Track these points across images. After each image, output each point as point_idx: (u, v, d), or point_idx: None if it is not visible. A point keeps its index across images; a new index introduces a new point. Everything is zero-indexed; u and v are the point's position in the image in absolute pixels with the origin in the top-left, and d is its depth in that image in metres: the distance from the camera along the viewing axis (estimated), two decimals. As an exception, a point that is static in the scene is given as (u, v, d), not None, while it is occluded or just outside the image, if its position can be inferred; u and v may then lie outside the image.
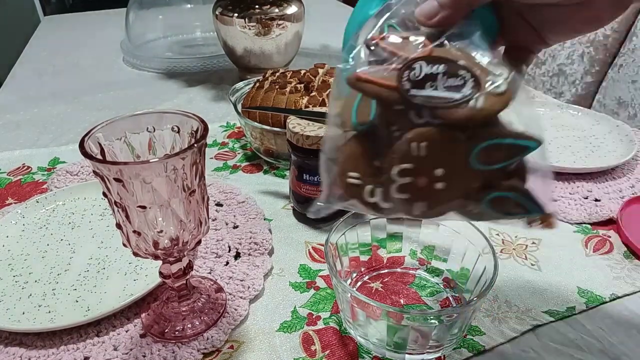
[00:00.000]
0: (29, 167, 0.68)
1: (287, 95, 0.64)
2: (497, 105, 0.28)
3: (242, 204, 0.57)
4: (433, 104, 0.28)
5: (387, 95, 0.29)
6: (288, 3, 0.88)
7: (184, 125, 0.36)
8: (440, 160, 0.29)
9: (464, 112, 0.28)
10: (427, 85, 0.28)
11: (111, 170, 0.32)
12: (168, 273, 0.39)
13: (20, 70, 1.07)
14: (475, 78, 0.28)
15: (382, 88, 0.29)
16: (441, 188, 0.30)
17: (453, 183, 0.30)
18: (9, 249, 0.51)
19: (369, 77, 0.29)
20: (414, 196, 0.30)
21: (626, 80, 1.08)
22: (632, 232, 0.51)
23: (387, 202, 0.32)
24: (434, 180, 0.30)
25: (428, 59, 0.29)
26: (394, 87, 0.28)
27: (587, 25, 0.31)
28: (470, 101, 0.28)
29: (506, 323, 0.42)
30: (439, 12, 0.30)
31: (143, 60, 1.06)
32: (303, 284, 0.47)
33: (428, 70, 0.28)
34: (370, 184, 0.31)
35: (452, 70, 0.28)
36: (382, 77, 0.29)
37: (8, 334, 0.42)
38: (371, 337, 0.38)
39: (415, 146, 0.29)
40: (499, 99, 0.28)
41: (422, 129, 0.29)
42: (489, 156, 0.29)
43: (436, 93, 0.28)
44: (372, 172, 0.31)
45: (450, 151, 0.29)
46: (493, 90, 0.28)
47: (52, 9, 2.59)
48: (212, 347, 0.40)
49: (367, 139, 0.31)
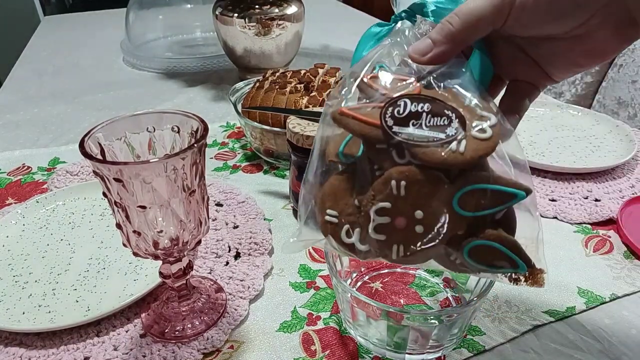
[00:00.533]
0: (29, 167, 0.68)
1: (287, 95, 0.64)
2: (480, 151, 0.27)
3: (242, 204, 0.57)
4: (415, 142, 0.27)
5: (369, 132, 0.28)
6: (288, 3, 0.88)
7: (184, 125, 0.36)
8: (421, 201, 0.28)
9: (445, 155, 0.26)
10: (411, 124, 0.27)
11: (111, 170, 0.32)
12: (168, 273, 0.39)
13: (20, 70, 1.07)
14: (461, 119, 0.27)
15: (364, 125, 0.28)
16: (420, 232, 0.28)
17: (433, 227, 0.28)
18: (9, 249, 0.51)
19: (352, 113, 0.28)
20: (392, 238, 0.29)
21: (626, 80, 1.08)
22: (632, 232, 0.51)
23: (364, 244, 0.30)
24: (414, 223, 0.28)
25: (412, 96, 0.28)
26: (377, 124, 0.28)
27: (589, 59, 0.30)
28: (453, 142, 0.27)
29: (506, 323, 0.42)
30: (432, 49, 0.29)
31: (143, 60, 1.06)
32: (303, 284, 0.47)
33: (412, 108, 0.28)
34: (348, 223, 0.30)
35: (437, 109, 0.27)
36: (366, 113, 0.28)
37: (8, 334, 0.42)
38: (371, 337, 0.38)
39: (394, 184, 0.28)
40: (483, 144, 0.27)
41: (403, 167, 0.28)
42: (473, 202, 0.27)
43: (419, 132, 0.27)
44: (351, 211, 0.30)
45: (431, 193, 0.28)
46: (478, 134, 0.27)
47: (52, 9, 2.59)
48: (212, 347, 0.40)
49: (348, 177, 0.30)
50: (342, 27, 1.33)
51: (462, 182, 0.27)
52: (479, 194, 0.27)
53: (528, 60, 0.32)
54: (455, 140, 0.27)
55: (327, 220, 0.30)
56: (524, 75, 0.32)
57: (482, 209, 0.27)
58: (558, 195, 0.58)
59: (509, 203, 0.28)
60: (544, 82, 0.33)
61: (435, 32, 0.30)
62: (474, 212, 0.28)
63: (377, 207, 0.28)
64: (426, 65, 0.30)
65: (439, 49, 0.29)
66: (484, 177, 0.27)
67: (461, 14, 0.29)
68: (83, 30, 1.37)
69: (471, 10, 0.28)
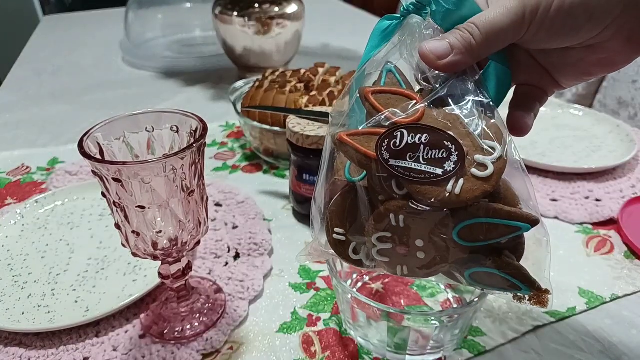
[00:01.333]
0: (28, 167, 0.68)
1: (287, 94, 0.64)
2: (477, 191, 0.26)
3: (242, 204, 0.57)
4: (410, 178, 0.26)
5: (367, 163, 0.27)
6: (288, 2, 0.88)
7: (183, 124, 0.36)
8: (420, 232, 0.28)
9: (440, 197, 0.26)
10: (408, 156, 0.26)
11: (110, 170, 0.31)
12: (167, 274, 0.39)
13: (20, 70, 1.07)
14: (460, 152, 0.26)
15: (362, 155, 0.27)
16: (422, 257, 0.29)
17: (434, 254, 0.28)
18: (9, 249, 0.51)
19: (351, 142, 0.28)
20: (395, 260, 0.30)
21: (626, 80, 1.08)
22: (632, 232, 0.51)
23: (370, 261, 0.31)
24: (415, 250, 0.28)
25: (410, 127, 0.27)
26: (373, 156, 0.27)
27: (600, 68, 0.30)
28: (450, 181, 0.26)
29: (507, 324, 0.42)
30: (449, 55, 0.28)
31: (142, 59, 1.06)
32: (303, 285, 0.47)
33: (410, 139, 0.26)
34: (354, 242, 0.31)
35: (435, 140, 0.26)
36: (364, 142, 0.27)
37: (8, 334, 0.41)
38: (372, 338, 0.38)
39: (393, 217, 0.28)
40: (481, 184, 0.26)
41: (400, 202, 0.27)
42: (474, 234, 0.27)
43: (416, 166, 0.26)
44: (357, 230, 0.30)
45: (430, 226, 0.27)
46: (477, 171, 0.26)
47: (52, 8, 2.58)
48: (212, 348, 0.40)
49: (355, 196, 0.30)
50: (342, 26, 1.33)
51: (460, 216, 0.27)
52: (479, 227, 0.27)
53: (537, 68, 0.31)
54: (452, 179, 0.26)
55: (335, 239, 0.31)
56: (532, 80, 0.32)
57: (484, 239, 0.27)
58: (559, 195, 0.58)
59: (512, 235, 0.27)
60: (552, 89, 0.33)
61: (454, 37, 0.28)
62: (474, 242, 0.27)
63: (377, 235, 0.29)
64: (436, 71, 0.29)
65: (456, 57, 0.28)
66: (484, 211, 0.26)
67: (482, 25, 0.28)
68: (82, 29, 1.37)
69: (493, 24, 0.27)
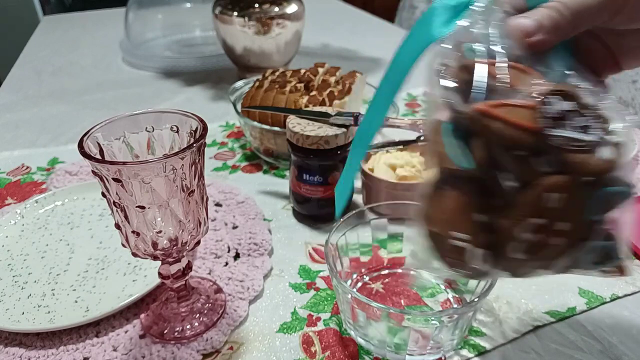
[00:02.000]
0: (28, 167, 0.68)
1: (287, 94, 0.64)
2: (621, 156, 0.24)
3: (242, 204, 0.57)
4: (571, 146, 0.24)
5: (519, 137, 0.24)
6: (288, 2, 0.88)
7: (183, 124, 0.36)
8: (566, 212, 0.25)
9: (598, 163, 0.24)
10: (562, 125, 0.24)
11: (110, 170, 0.31)
12: (167, 274, 0.39)
13: (20, 70, 1.07)
14: (602, 119, 0.25)
15: (513, 128, 0.24)
16: (558, 243, 0.26)
17: (569, 237, 0.26)
18: (8, 249, 0.51)
19: (499, 114, 0.24)
20: (533, 255, 0.26)
21: (627, 80, 1.08)
22: (632, 232, 0.51)
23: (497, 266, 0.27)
24: (554, 235, 0.25)
25: (563, 94, 0.24)
26: (531, 127, 0.24)
27: None
28: (603, 147, 0.24)
29: (507, 324, 0.42)
30: (538, 32, 0.27)
31: (142, 59, 1.06)
32: (303, 285, 0.47)
33: (564, 107, 0.24)
34: (481, 247, 0.26)
35: (581, 107, 0.24)
36: (513, 113, 0.24)
37: (8, 334, 0.41)
38: (372, 338, 0.38)
39: (548, 197, 0.24)
40: (619, 148, 0.24)
41: (558, 177, 0.24)
42: (600, 204, 0.25)
43: (569, 134, 0.24)
44: (480, 231, 0.26)
45: (575, 202, 0.25)
46: (613, 138, 0.24)
47: (52, 8, 2.58)
48: (212, 348, 0.40)
49: (466, 190, 0.26)
50: (343, 26, 1.33)
51: (596, 186, 0.25)
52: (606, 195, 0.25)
53: (600, 50, 0.30)
54: (604, 145, 0.24)
55: (455, 245, 0.26)
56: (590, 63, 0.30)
57: (604, 210, 0.26)
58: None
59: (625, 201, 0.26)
60: (608, 72, 0.31)
61: (542, 16, 0.27)
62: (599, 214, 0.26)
63: (528, 223, 0.25)
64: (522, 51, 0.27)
65: (545, 36, 0.27)
66: (611, 178, 0.25)
67: (571, 4, 0.26)
68: (82, 29, 1.37)
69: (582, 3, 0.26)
